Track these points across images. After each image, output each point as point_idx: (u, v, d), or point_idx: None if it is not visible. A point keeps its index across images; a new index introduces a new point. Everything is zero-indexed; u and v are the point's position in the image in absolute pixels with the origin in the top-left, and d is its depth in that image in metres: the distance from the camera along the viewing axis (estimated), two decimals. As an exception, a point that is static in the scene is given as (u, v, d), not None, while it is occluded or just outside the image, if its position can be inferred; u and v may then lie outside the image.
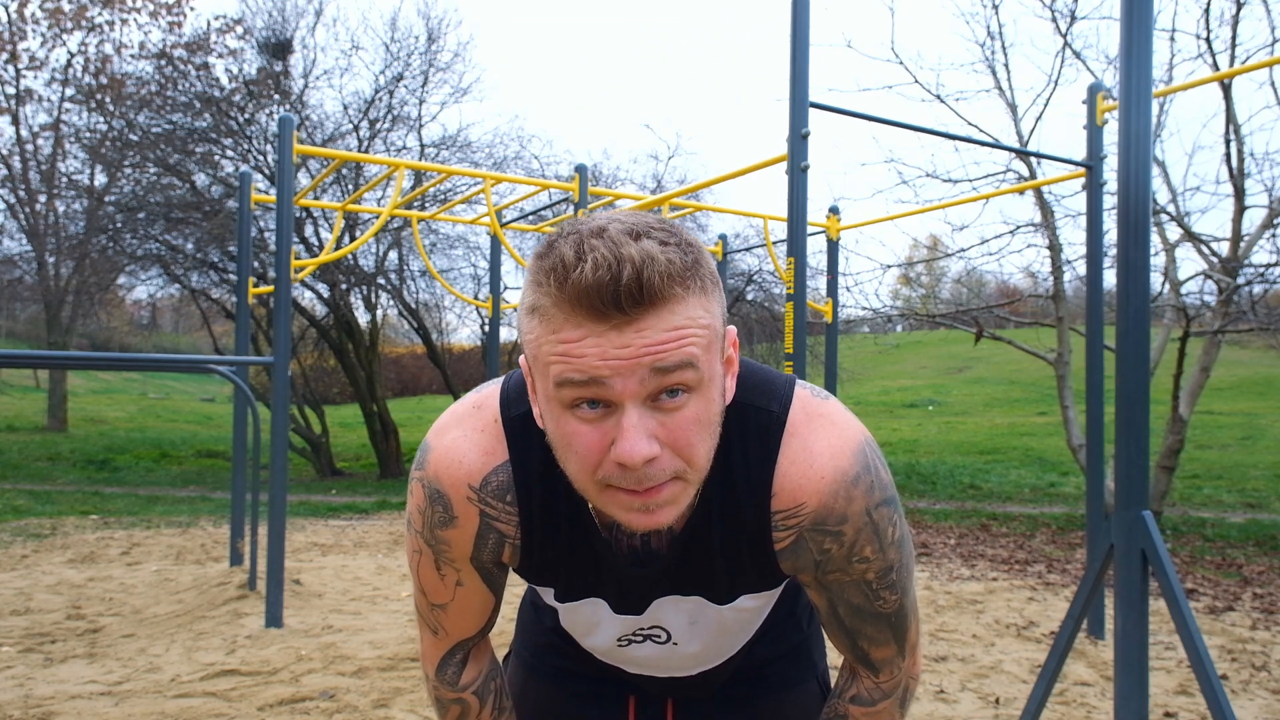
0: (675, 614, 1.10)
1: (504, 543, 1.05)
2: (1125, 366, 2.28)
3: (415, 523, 1.08)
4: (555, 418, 0.87)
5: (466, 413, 1.06)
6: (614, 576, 1.06)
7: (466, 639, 1.18)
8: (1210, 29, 7.76)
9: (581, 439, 0.85)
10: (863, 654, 1.13)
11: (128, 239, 14.12)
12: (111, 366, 5.24)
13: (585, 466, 0.87)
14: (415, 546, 1.10)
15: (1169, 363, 8.61)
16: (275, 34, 14.91)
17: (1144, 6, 2.25)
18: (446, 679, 1.20)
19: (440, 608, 1.14)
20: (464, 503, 1.02)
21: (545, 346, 0.84)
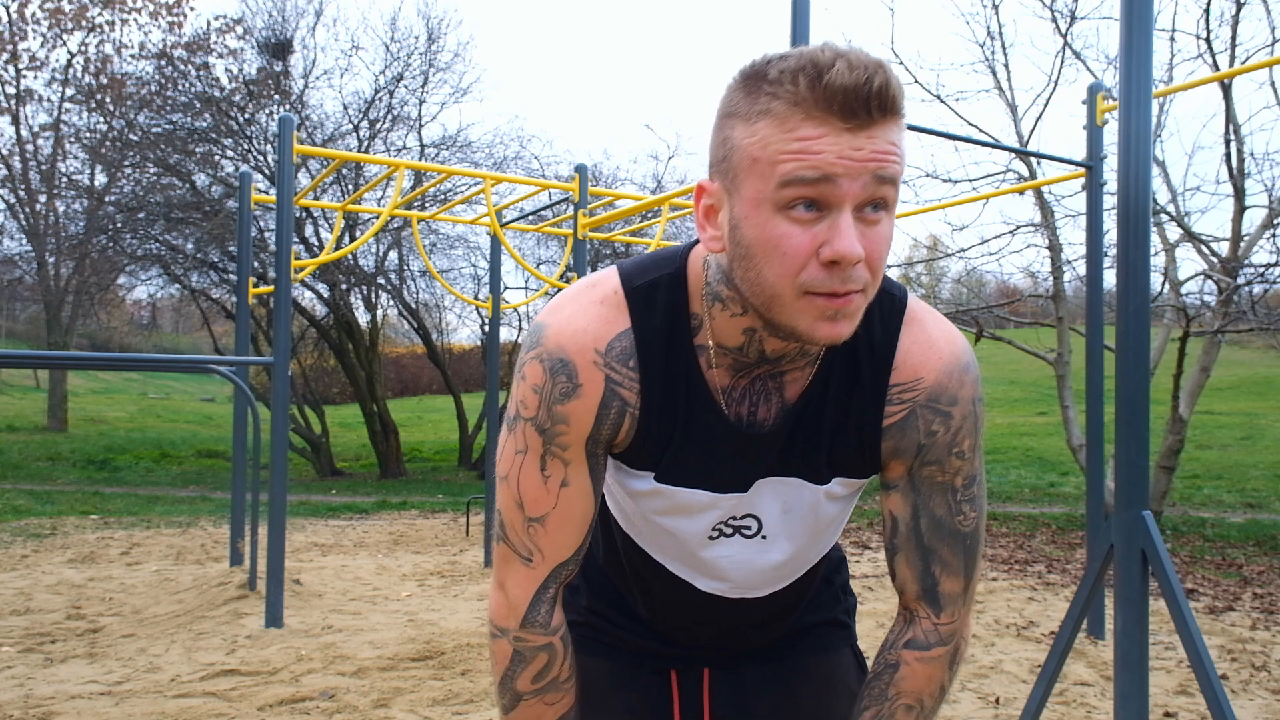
0: (771, 499, 1.11)
1: (625, 412, 1.04)
2: (1125, 366, 2.28)
3: (527, 408, 1.04)
4: (764, 221, 0.88)
5: (581, 290, 1.07)
6: (726, 447, 1.06)
7: (562, 564, 1.09)
8: (1210, 29, 7.77)
9: (791, 240, 0.88)
10: (932, 584, 1.13)
11: (128, 239, 14.13)
12: (111, 366, 5.24)
13: (789, 269, 0.89)
14: (519, 444, 1.05)
15: (1169, 363, 8.61)
16: (275, 34, 14.92)
17: (1144, 6, 2.25)
18: (538, 620, 1.09)
19: (538, 522, 1.07)
20: (589, 368, 1.02)
21: (775, 145, 0.86)
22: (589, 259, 11.75)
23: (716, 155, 0.93)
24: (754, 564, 1.16)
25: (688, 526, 1.13)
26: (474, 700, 3.69)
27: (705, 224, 0.97)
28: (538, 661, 1.11)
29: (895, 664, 1.16)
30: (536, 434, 1.04)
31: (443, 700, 3.69)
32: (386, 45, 15.23)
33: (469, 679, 3.97)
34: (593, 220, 6.08)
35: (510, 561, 1.09)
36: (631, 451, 1.08)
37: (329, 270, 13.03)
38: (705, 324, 1.03)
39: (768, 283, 0.91)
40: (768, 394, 1.05)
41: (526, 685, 1.12)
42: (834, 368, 1.05)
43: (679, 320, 1.03)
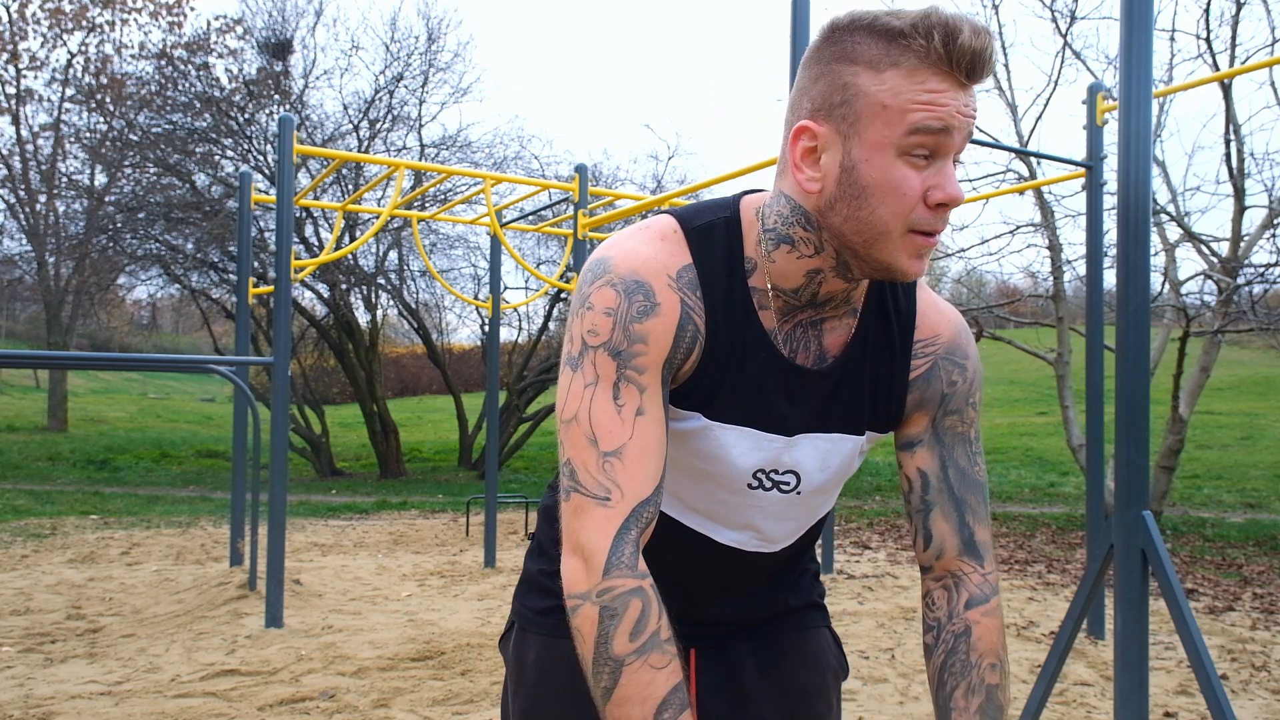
0: (812, 453, 1.13)
1: (696, 339, 1.05)
2: (1125, 366, 2.29)
3: (597, 334, 1.01)
4: (886, 164, 0.96)
5: (637, 230, 1.09)
6: (776, 385, 1.09)
7: (643, 502, 1.01)
8: (1210, 29, 7.77)
9: (910, 182, 0.97)
10: (969, 535, 1.18)
11: (128, 239, 14.13)
12: (111, 366, 5.25)
13: (903, 208, 0.98)
14: (588, 377, 1.01)
15: (1169, 363, 8.61)
16: (275, 34, 14.93)
17: (1144, 6, 2.26)
18: (624, 562, 0.99)
19: (615, 455, 1.00)
20: (665, 289, 1.03)
21: (905, 95, 0.94)
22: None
23: (831, 99, 0.98)
24: (785, 516, 1.17)
25: (730, 472, 1.11)
26: (474, 700, 3.70)
27: (802, 165, 1.02)
28: (631, 611, 0.98)
29: (966, 629, 1.19)
30: (610, 359, 1.01)
31: (443, 700, 3.69)
32: (386, 45, 15.25)
33: (469, 679, 3.97)
34: (593, 220, 6.09)
35: (584, 511, 1.00)
36: (689, 385, 1.07)
37: (329, 270, 13.03)
38: (760, 267, 1.08)
39: (880, 220, 0.98)
40: (808, 341, 1.11)
41: (625, 646, 0.97)
42: (870, 323, 1.13)
43: (736, 261, 1.07)
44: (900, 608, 5.53)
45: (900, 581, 6.41)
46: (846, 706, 3.71)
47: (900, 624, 5.12)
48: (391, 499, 11.81)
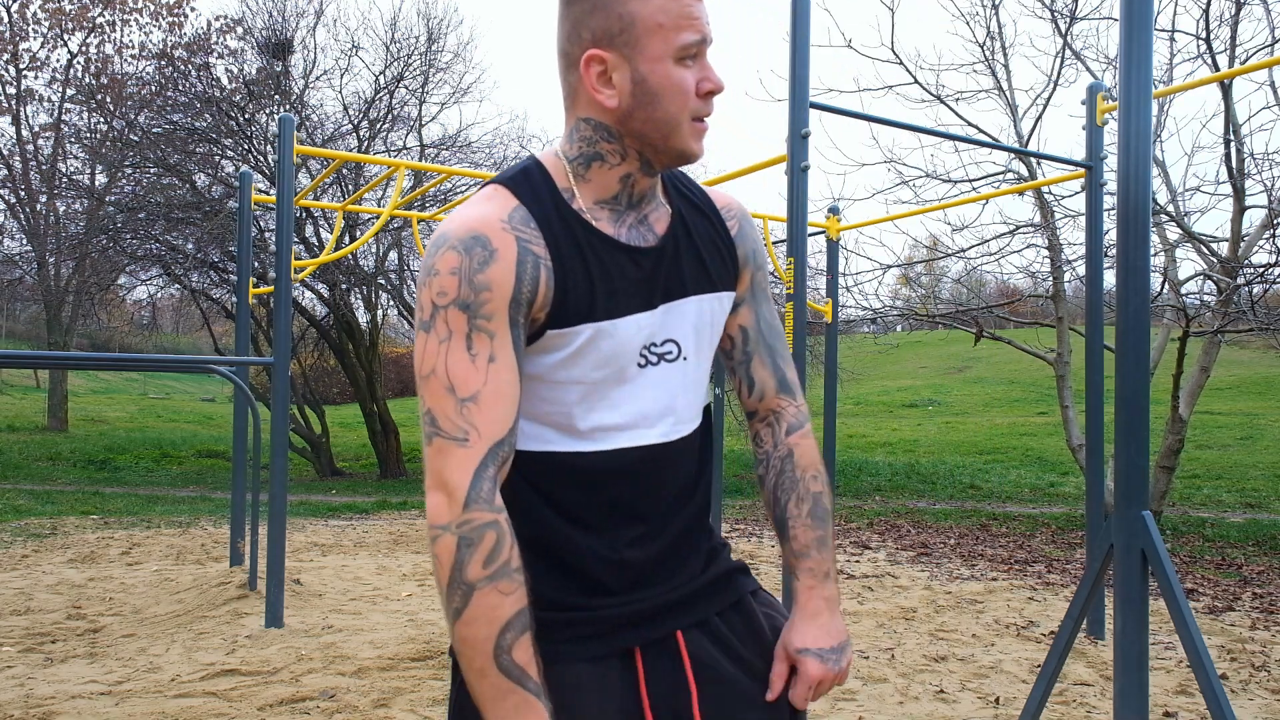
0: (682, 321, 1.27)
1: (539, 267, 1.16)
2: (1125, 366, 2.29)
3: (445, 294, 1.12)
4: (668, 72, 1.17)
5: (467, 201, 1.23)
6: (632, 270, 1.23)
7: (499, 442, 1.12)
8: (1210, 29, 7.77)
9: (686, 81, 1.18)
10: (782, 375, 1.41)
11: (128, 239, 14.13)
12: (111, 366, 5.25)
13: (686, 103, 1.18)
14: (441, 334, 1.12)
15: (1169, 363, 8.61)
16: (275, 34, 14.93)
17: (1144, 6, 2.26)
18: (481, 497, 1.09)
19: (471, 400, 1.12)
20: (500, 234, 1.15)
21: (673, 17, 1.16)
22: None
23: (610, 29, 1.16)
24: (684, 387, 1.28)
25: (622, 363, 1.22)
26: (474, 700, 3.69)
27: (599, 87, 1.18)
28: (486, 542, 1.08)
29: (790, 452, 1.38)
30: (460, 313, 1.12)
31: (443, 700, 3.69)
32: (386, 45, 15.24)
33: (469, 679, 3.97)
34: (593, 220, 6.08)
35: (445, 451, 1.11)
36: (558, 308, 1.17)
37: (329, 270, 13.03)
38: (578, 193, 1.22)
39: (670, 115, 1.18)
40: (642, 233, 1.26)
41: (478, 572, 1.08)
42: (679, 205, 1.31)
43: (555, 192, 1.21)
44: (900, 608, 5.53)
45: (900, 581, 6.41)
46: (846, 706, 3.71)
47: (900, 624, 5.12)
48: (392, 499, 11.82)
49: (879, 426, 22.88)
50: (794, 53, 3.93)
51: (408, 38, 15.45)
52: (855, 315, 9.91)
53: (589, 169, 1.22)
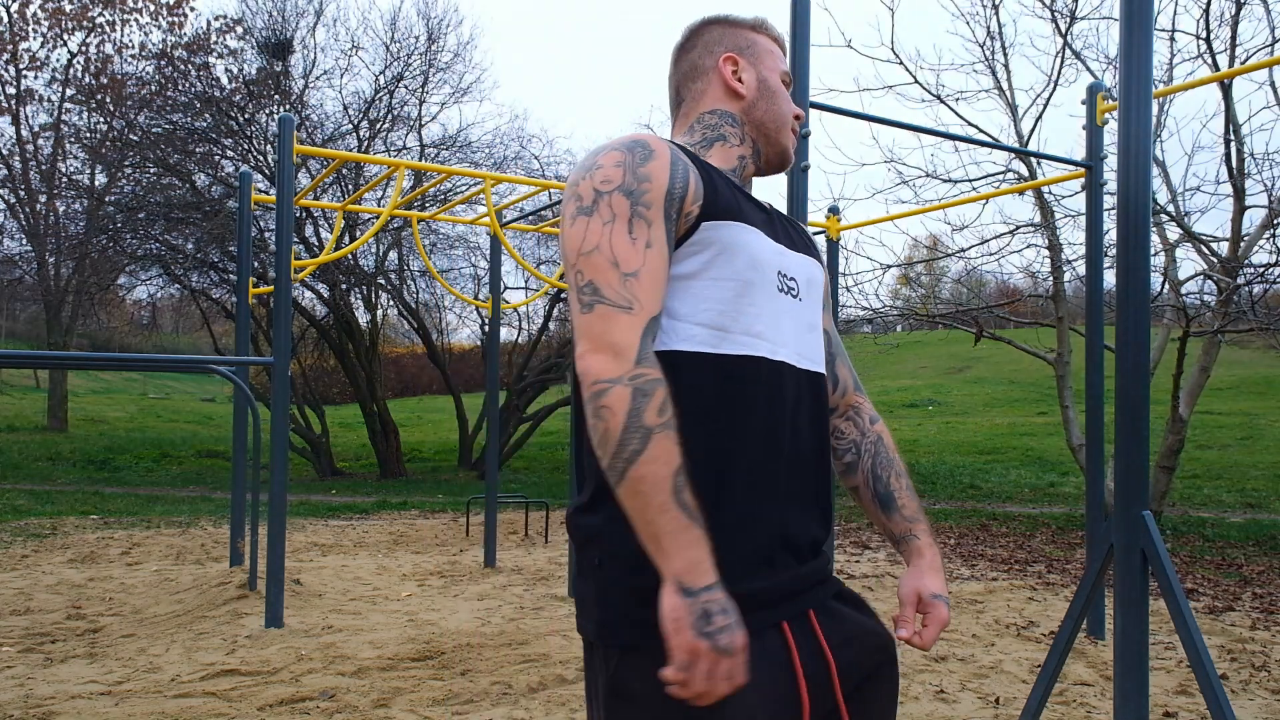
0: (798, 267, 1.40)
1: (689, 172, 1.27)
2: (1125, 366, 2.29)
3: (610, 182, 1.22)
4: (780, 81, 1.49)
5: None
6: (758, 213, 1.39)
7: (655, 317, 1.20)
8: (1210, 29, 7.76)
9: (786, 96, 1.49)
10: (856, 376, 1.59)
11: (128, 239, 14.13)
12: (111, 366, 5.24)
13: (789, 108, 1.49)
14: (606, 216, 1.20)
15: (1169, 363, 8.61)
16: (275, 34, 14.93)
17: (1144, 6, 2.26)
18: (650, 358, 1.16)
19: (633, 276, 1.18)
20: (657, 141, 1.28)
21: (776, 52, 1.51)
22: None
23: (740, 45, 1.48)
24: (804, 324, 1.39)
25: (766, 274, 1.31)
26: (474, 700, 3.70)
27: (736, 83, 1.45)
28: (659, 394, 1.13)
29: (878, 437, 1.55)
30: (624, 198, 1.21)
31: (443, 700, 3.69)
32: (386, 45, 15.24)
33: (469, 679, 3.97)
34: (593, 220, 6.08)
35: (611, 316, 1.16)
36: (709, 204, 1.28)
37: (329, 270, 13.03)
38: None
39: (781, 113, 1.48)
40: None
41: (654, 418, 1.12)
42: (773, 211, 1.50)
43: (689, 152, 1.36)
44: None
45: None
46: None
47: (900, 624, 5.13)
48: (391, 499, 11.81)
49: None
50: (794, 53, 3.92)
51: (408, 37, 15.46)
52: (855, 315, 9.91)
53: (711, 148, 1.43)
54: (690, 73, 1.47)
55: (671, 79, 1.51)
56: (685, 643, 1.06)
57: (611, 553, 1.19)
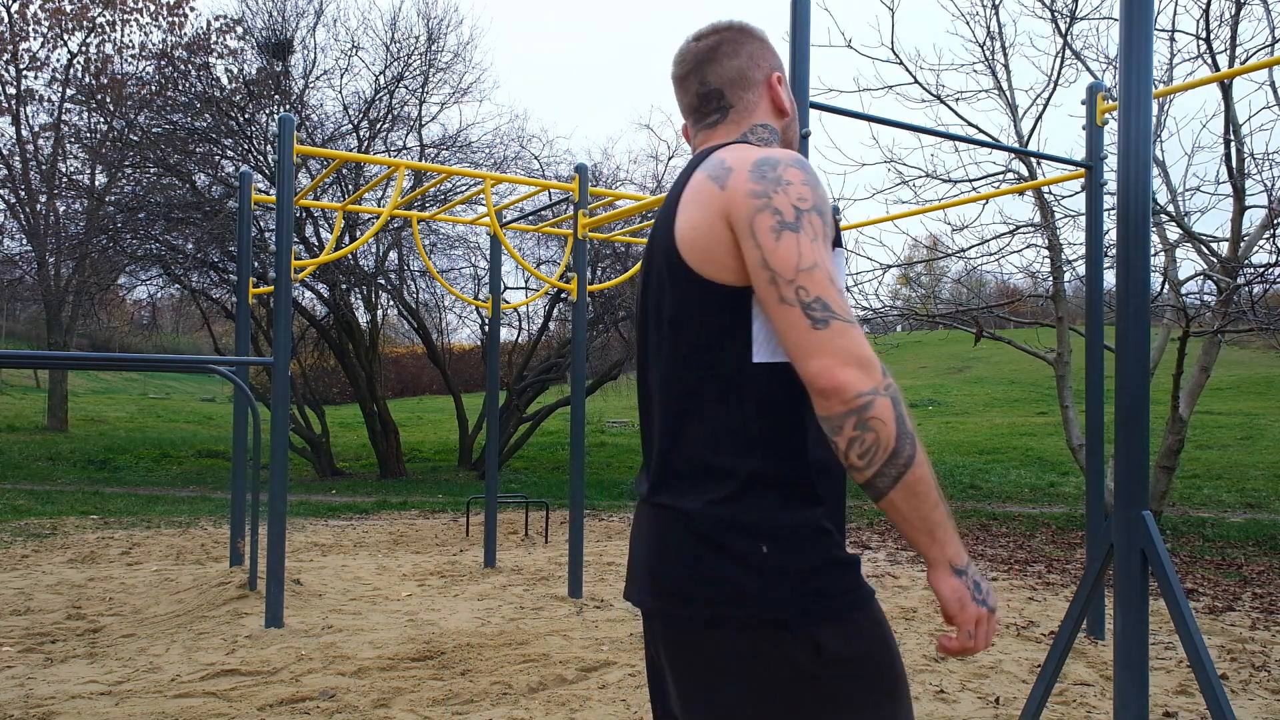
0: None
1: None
2: (1125, 366, 2.29)
3: (806, 196, 1.26)
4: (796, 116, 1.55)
5: (751, 148, 1.39)
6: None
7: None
8: (1210, 29, 7.76)
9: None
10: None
11: (128, 239, 14.12)
12: (111, 366, 5.25)
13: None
14: (812, 233, 1.24)
15: (1169, 363, 8.61)
16: (275, 34, 14.92)
17: (1144, 6, 2.26)
18: (884, 365, 1.23)
19: (842, 293, 1.25)
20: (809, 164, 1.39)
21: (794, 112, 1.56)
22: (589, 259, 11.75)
23: (776, 65, 1.52)
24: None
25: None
26: (474, 700, 3.70)
27: (785, 103, 1.51)
28: (903, 399, 1.22)
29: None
30: (818, 217, 1.26)
31: (443, 700, 3.69)
32: (386, 45, 15.24)
33: (469, 679, 3.97)
34: (593, 220, 6.08)
35: (847, 331, 1.20)
36: (836, 230, 1.36)
37: (329, 270, 13.03)
38: None
39: (797, 133, 1.55)
40: None
41: (912, 423, 1.22)
42: None
43: None
44: (900, 608, 5.53)
45: (900, 581, 6.41)
46: (846, 706, 3.71)
47: (900, 624, 5.12)
48: (391, 499, 11.81)
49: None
50: (794, 53, 3.93)
51: (408, 38, 15.45)
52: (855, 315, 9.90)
53: None
54: (740, 80, 1.47)
55: (704, 77, 1.48)
56: (973, 613, 1.22)
57: (775, 538, 1.24)
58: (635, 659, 4.33)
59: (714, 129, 1.49)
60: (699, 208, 1.29)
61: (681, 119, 1.58)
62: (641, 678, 4.02)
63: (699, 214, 1.29)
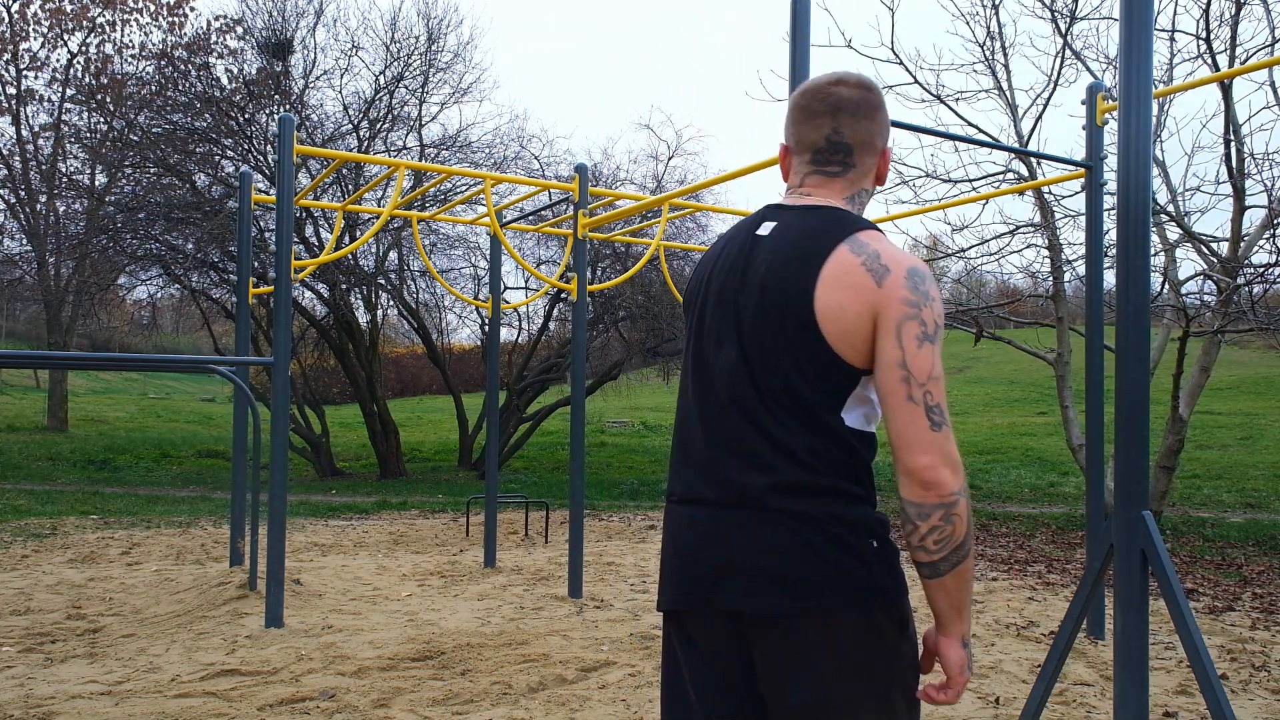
0: None
1: None
2: (1125, 366, 2.29)
3: (939, 316, 1.48)
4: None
5: (890, 244, 1.54)
6: None
7: None
8: (1210, 29, 7.76)
9: None
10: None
11: (128, 239, 14.12)
12: (111, 366, 5.24)
13: None
14: (938, 345, 1.46)
15: (1169, 363, 8.61)
16: (275, 34, 14.92)
17: (1144, 6, 2.26)
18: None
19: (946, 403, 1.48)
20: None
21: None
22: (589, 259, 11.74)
23: (889, 136, 1.61)
24: None
25: None
26: (474, 700, 3.70)
27: (887, 172, 1.64)
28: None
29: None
30: (940, 333, 1.47)
31: (443, 700, 3.69)
32: (386, 45, 15.23)
33: (469, 679, 3.97)
34: (593, 220, 6.08)
35: (950, 437, 1.44)
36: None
37: (329, 270, 13.02)
38: None
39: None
40: None
41: (973, 523, 1.50)
42: None
43: None
44: (900, 608, 5.53)
45: (900, 581, 6.41)
46: (846, 706, 3.71)
47: (900, 624, 5.12)
48: (391, 499, 11.81)
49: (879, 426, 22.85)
50: (794, 53, 3.93)
51: (408, 38, 15.44)
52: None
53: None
54: (868, 143, 1.58)
55: (839, 126, 1.56)
56: (966, 679, 1.50)
57: (883, 539, 1.51)
58: (635, 659, 4.32)
59: (831, 180, 1.58)
60: (849, 292, 1.44)
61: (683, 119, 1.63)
62: (641, 678, 4.01)
63: (848, 298, 1.44)
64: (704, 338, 1.57)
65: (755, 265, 1.52)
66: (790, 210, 1.56)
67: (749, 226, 1.60)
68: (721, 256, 1.60)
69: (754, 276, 1.51)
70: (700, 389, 1.57)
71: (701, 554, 1.50)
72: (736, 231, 1.63)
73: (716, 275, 1.58)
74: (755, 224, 1.59)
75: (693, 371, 1.59)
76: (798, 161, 1.60)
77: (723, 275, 1.57)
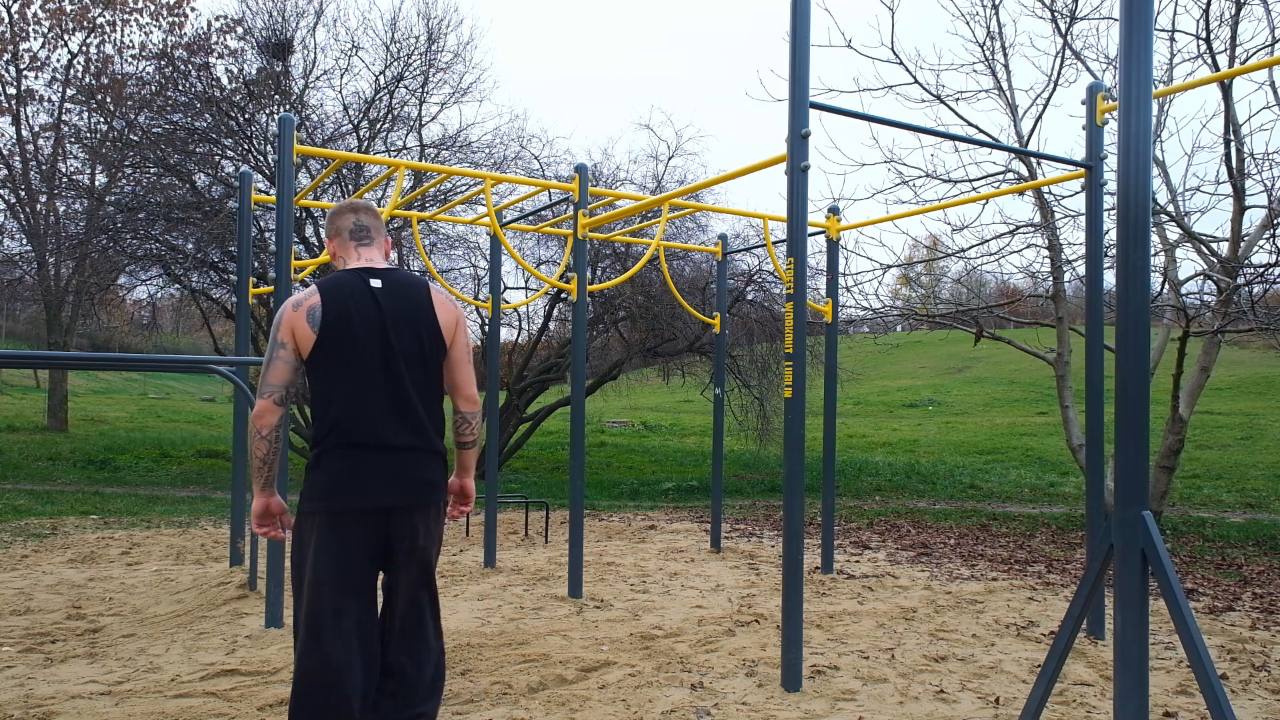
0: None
1: None
2: (1125, 366, 2.29)
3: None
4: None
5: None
6: None
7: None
8: (1210, 29, 7.76)
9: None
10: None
11: (128, 239, 14.12)
12: (111, 366, 5.25)
13: None
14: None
15: (1169, 363, 8.61)
16: (275, 34, 14.92)
17: (1144, 6, 2.26)
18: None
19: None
20: None
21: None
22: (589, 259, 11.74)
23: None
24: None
25: None
26: (474, 700, 3.70)
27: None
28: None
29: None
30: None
31: (446, 699, 3.68)
32: (386, 45, 15.24)
33: (469, 679, 3.97)
34: (593, 220, 6.08)
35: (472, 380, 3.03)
36: None
37: (329, 270, 13.02)
38: None
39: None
40: None
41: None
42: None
43: None
44: (900, 608, 5.53)
45: (900, 581, 6.41)
46: (846, 706, 3.71)
47: (900, 624, 5.12)
48: (391, 499, 11.79)
49: (879, 426, 22.88)
50: (794, 53, 3.93)
51: (408, 38, 15.45)
52: (855, 315, 9.91)
53: None
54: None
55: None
56: (473, 499, 3.14)
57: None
58: (635, 659, 4.33)
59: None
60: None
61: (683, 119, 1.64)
62: (641, 678, 4.02)
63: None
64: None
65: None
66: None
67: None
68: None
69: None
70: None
71: (377, 470, 2.82)
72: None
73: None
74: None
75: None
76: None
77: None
